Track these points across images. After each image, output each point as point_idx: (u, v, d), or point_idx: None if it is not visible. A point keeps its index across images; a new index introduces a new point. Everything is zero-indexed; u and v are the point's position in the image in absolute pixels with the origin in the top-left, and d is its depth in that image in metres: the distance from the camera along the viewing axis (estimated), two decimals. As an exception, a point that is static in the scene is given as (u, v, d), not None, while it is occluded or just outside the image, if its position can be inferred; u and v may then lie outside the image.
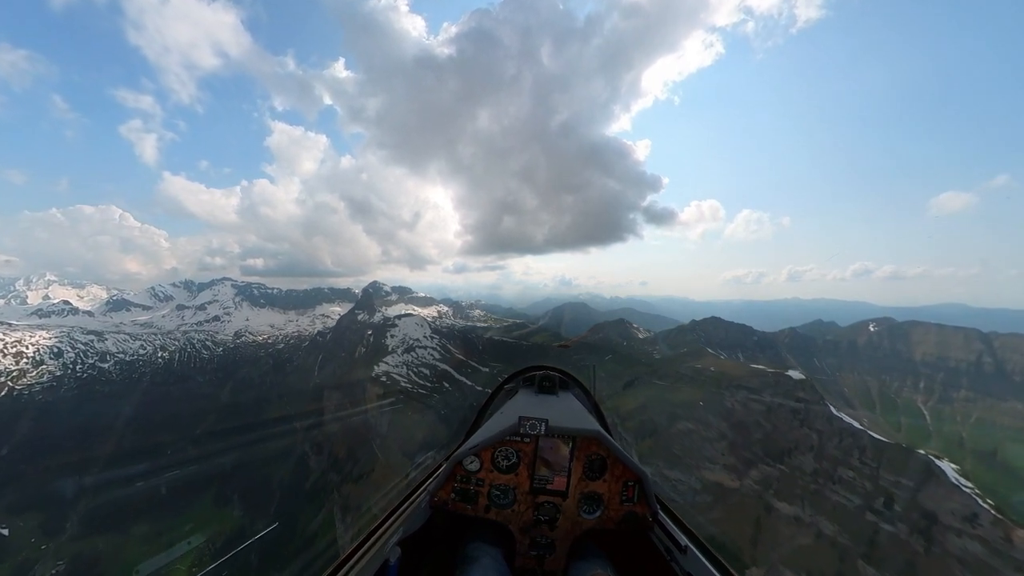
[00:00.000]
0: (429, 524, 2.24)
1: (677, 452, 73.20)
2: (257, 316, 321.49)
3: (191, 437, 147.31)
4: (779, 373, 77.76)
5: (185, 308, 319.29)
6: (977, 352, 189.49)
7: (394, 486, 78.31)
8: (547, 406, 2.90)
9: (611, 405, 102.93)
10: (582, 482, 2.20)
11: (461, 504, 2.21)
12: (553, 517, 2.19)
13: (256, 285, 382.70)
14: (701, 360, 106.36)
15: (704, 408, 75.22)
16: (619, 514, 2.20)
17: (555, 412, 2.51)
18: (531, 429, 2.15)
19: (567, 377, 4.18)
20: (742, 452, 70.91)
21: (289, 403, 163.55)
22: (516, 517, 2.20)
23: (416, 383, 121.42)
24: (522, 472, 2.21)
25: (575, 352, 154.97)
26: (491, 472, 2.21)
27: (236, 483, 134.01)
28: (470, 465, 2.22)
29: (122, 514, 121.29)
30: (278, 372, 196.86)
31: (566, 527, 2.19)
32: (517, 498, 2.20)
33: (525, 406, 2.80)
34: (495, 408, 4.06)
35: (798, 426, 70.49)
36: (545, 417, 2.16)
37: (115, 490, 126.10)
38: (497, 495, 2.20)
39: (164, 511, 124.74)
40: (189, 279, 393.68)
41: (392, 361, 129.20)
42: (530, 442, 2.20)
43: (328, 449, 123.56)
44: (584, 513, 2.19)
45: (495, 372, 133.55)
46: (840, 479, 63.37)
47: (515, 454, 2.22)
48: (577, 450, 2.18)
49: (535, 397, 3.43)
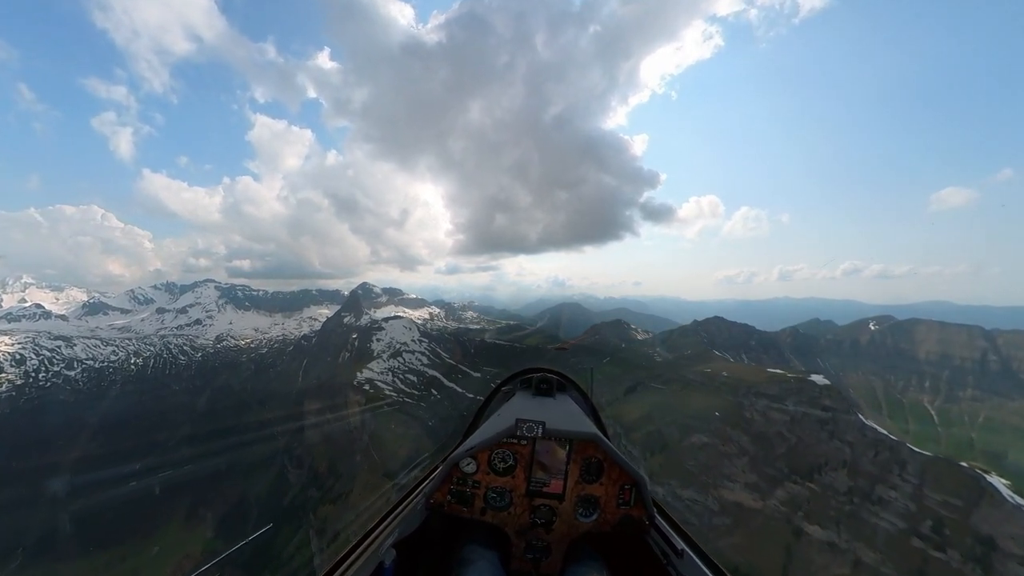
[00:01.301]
0: (425, 526, 2.24)
1: (691, 469, 65.69)
2: (241, 319, 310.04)
3: (162, 448, 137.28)
4: (801, 379, 70.72)
5: (165, 311, 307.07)
6: (981, 350, 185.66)
7: (368, 508, 70.24)
8: (544, 408, 2.83)
9: (612, 413, 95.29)
10: (579, 485, 2.18)
11: (457, 506, 2.19)
12: (549, 520, 2.17)
13: (241, 287, 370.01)
14: (709, 364, 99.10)
15: (720, 419, 67.74)
16: (615, 517, 2.18)
17: (552, 414, 2.51)
18: (528, 431, 2.15)
19: (564, 379, 4.04)
20: (765, 468, 63.59)
21: (270, 411, 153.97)
22: (512, 520, 2.18)
23: (402, 391, 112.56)
24: (519, 474, 2.19)
25: (572, 354, 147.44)
26: (487, 474, 2.20)
27: (210, 498, 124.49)
28: (467, 467, 2.20)
29: (83, 536, 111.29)
30: (260, 378, 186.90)
31: (562, 530, 2.18)
32: (513, 500, 2.19)
33: (522, 408, 2.77)
34: (492, 410, 3.84)
35: (827, 438, 63.33)
36: (542, 419, 2.16)
37: (76, 508, 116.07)
38: (493, 497, 2.19)
39: (130, 531, 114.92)
40: (171, 281, 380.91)
41: (377, 367, 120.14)
42: (527, 444, 2.19)
43: (308, 462, 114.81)
44: (580, 516, 2.18)
45: (488, 377, 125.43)
46: (879, 499, 56.24)
47: (512, 456, 2.20)
48: (574, 453, 2.18)
49: (532, 399, 3.31)
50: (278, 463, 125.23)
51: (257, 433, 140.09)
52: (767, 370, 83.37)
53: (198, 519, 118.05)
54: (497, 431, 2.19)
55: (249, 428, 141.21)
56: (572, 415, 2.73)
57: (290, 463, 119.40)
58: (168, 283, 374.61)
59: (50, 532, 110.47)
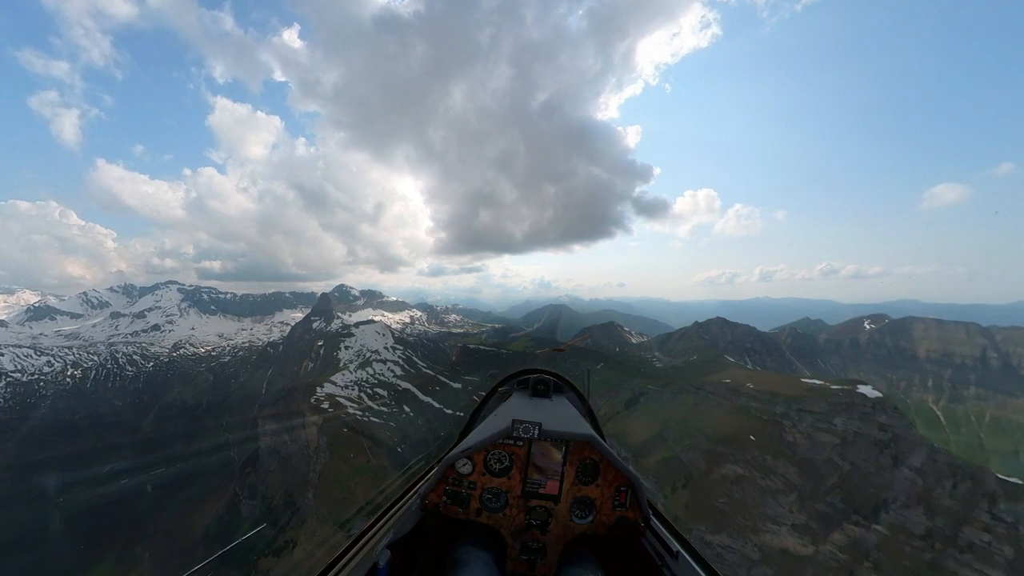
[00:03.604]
0: (419, 527, 2.23)
1: (723, 507, 53.12)
2: (205, 324, 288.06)
3: (94, 476, 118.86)
4: (850, 390, 59.26)
5: (121, 316, 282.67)
6: (981, 347, 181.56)
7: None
8: (541, 409, 2.86)
9: (613, 430, 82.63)
10: (574, 486, 2.18)
11: (452, 507, 2.18)
12: (545, 521, 2.17)
13: (207, 289, 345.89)
14: (724, 371, 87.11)
15: (756, 443, 55.46)
16: (611, 519, 2.18)
17: (549, 416, 2.52)
18: (524, 432, 2.14)
19: (561, 381, 4.03)
20: (814, 505, 51.43)
21: (226, 430, 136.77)
22: (507, 521, 2.18)
23: (368, 408, 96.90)
24: (515, 476, 2.19)
25: (566, 357, 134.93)
26: (483, 475, 2.19)
27: (150, 534, 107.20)
28: (462, 468, 2.19)
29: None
30: (218, 391, 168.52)
31: (558, 532, 2.17)
32: (509, 502, 2.18)
33: (519, 409, 2.80)
34: (489, 410, 3.89)
35: (889, 464, 51.53)
36: (539, 420, 2.15)
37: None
38: (489, 499, 2.18)
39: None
40: (130, 283, 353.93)
41: (342, 380, 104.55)
42: (523, 445, 2.19)
43: (263, 491, 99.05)
44: (576, 518, 2.17)
45: (470, 388, 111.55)
46: (969, 544, 44.46)
47: (508, 457, 2.20)
48: (570, 454, 2.17)
49: (529, 400, 3.35)
50: (231, 491, 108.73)
51: (209, 457, 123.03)
52: (801, 380, 71.80)
53: (132, 561, 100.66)
54: (493, 432, 2.18)
55: (200, 451, 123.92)
56: (569, 417, 2.72)
57: (243, 492, 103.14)
58: (126, 285, 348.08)
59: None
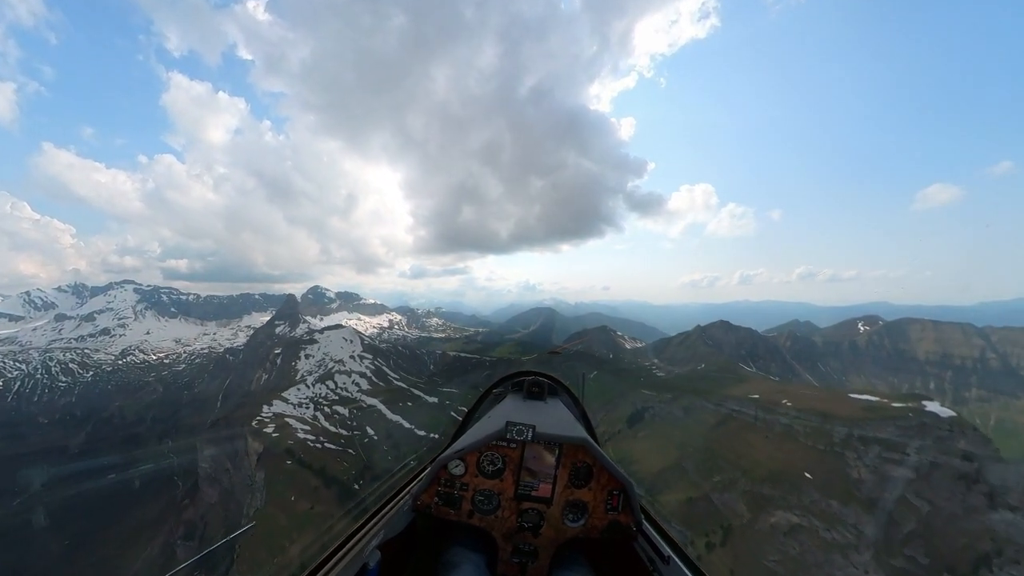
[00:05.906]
0: (411, 528, 2.23)
1: (776, 567, 40.86)
2: (163, 328, 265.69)
3: (3, 511, 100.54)
4: (918, 408, 48.37)
5: (67, 318, 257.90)
6: (979, 348, 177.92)
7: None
8: (535, 412, 2.87)
9: (617, 455, 70.51)
10: (567, 490, 2.17)
11: (444, 508, 2.17)
12: (537, 524, 2.15)
13: (167, 290, 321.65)
14: (746, 383, 75.42)
15: (813, 481, 43.54)
16: (603, 523, 2.16)
17: (543, 418, 2.52)
18: (518, 434, 2.10)
19: (556, 384, 4.07)
20: (889, 560, 39.62)
21: (170, 454, 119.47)
22: (500, 523, 2.16)
23: (322, 431, 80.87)
24: (507, 478, 2.17)
25: (560, 361, 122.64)
26: (476, 477, 2.18)
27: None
28: (455, 469, 2.18)
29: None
30: (166, 404, 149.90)
31: (550, 535, 2.16)
32: (501, 504, 2.17)
33: (513, 411, 2.81)
34: (483, 412, 3.88)
35: (984, 505, 40.18)
36: (533, 423, 2.12)
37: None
38: (481, 500, 2.17)
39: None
40: (81, 283, 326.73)
41: (295, 396, 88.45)
42: (517, 448, 2.17)
43: (201, 532, 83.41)
44: (568, 521, 2.16)
45: (448, 402, 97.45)
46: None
47: (501, 459, 2.19)
48: (563, 457, 2.16)
49: (523, 403, 3.36)
50: (166, 528, 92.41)
51: (145, 486, 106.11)
52: (850, 395, 60.52)
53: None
54: (487, 433, 2.17)
55: (133, 478, 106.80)
56: (563, 420, 2.72)
57: (178, 531, 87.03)
58: (77, 284, 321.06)
59: None
